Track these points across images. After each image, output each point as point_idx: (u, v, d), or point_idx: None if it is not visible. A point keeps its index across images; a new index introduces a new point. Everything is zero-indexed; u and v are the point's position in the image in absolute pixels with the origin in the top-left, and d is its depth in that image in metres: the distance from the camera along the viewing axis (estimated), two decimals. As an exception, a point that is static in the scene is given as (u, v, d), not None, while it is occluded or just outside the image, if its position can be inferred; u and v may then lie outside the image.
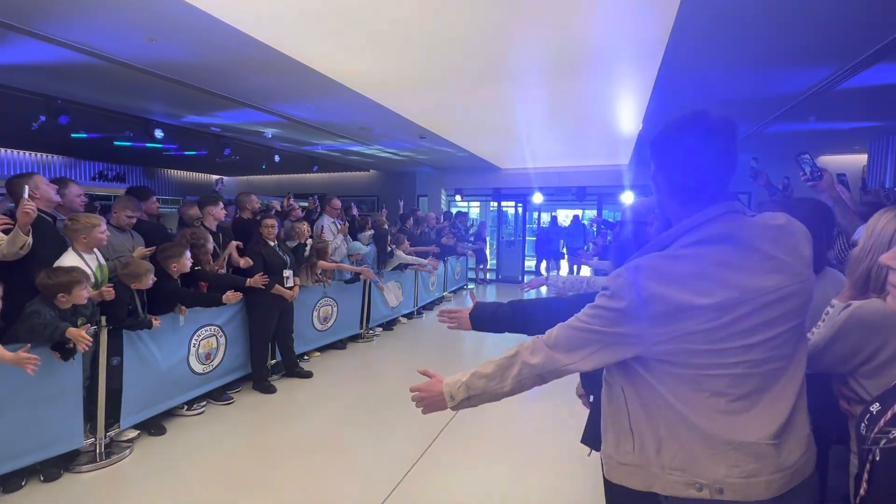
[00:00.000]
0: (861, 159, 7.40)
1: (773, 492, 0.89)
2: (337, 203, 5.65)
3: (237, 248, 3.91)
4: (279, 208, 5.76)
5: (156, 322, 2.98)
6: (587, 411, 1.60)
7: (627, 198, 8.88)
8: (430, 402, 1.16)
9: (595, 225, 8.63)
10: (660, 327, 0.90)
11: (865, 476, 0.65)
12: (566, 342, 1.00)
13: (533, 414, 3.54)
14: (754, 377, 0.91)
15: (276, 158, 8.53)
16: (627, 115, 5.63)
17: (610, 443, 1.04)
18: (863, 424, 0.71)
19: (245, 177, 13.07)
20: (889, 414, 0.66)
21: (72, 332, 2.41)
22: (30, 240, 2.49)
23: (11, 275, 2.54)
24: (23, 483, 2.46)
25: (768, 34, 3.16)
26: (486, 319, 1.52)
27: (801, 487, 0.92)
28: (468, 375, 1.11)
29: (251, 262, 3.81)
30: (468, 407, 1.13)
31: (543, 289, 9.44)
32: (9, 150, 9.17)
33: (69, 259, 2.69)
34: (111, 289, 2.77)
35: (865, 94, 4.38)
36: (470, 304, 1.61)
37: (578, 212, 11.83)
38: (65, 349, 2.52)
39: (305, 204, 6.66)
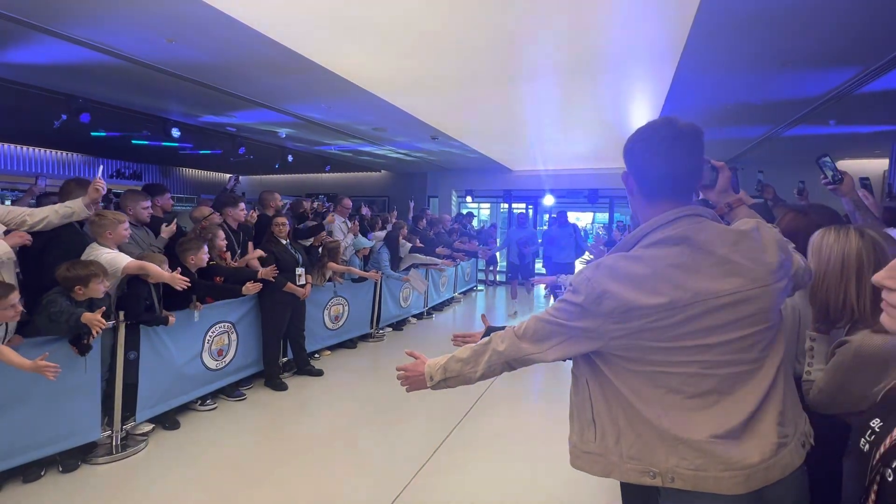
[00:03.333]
0: (882, 164, 7.25)
1: (726, 489, 0.91)
2: (348, 202, 5.70)
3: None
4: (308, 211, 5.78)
5: (171, 319, 3.02)
6: None
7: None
8: (413, 381, 1.23)
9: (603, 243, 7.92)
10: (613, 323, 0.95)
11: (873, 497, 0.62)
12: (533, 333, 1.06)
13: (545, 412, 3.52)
14: (711, 378, 0.94)
15: (290, 158, 8.62)
16: (642, 117, 5.59)
17: (575, 432, 1.10)
18: (863, 440, 0.69)
19: (258, 176, 13.22)
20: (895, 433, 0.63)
21: (87, 316, 2.43)
22: (87, 213, 2.70)
23: (29, 269, 2.61)
24: (42, 473, 2.52)
25: (787, 37, 3.12)
26: None
27: (772, 489, 0.93)
28: (447, 358, 1.18)
29: (272, 275, 3.74)
30: (445, 388, 1.19)
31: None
32: (30, 148, 9.39)
33: (102, 253, 2.74)
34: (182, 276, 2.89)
35: (888, 98, 4.29)
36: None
37: (587, 215, 11.54)
38: (81, 344, 2.57)
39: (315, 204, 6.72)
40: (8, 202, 6.63)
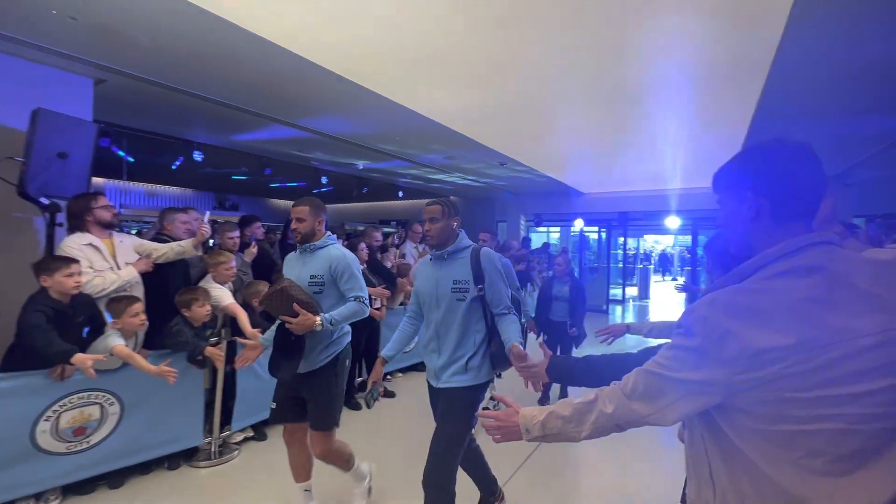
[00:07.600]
0: None
1: None
2: (418, 228, 5.91)
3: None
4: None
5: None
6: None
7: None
8: (505, 432, 1.14)
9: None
10: (739, 371, 0.82)
11: None
12: (644, 391, 0.94)
13: (619, 462, 3.30)
14: (859, 434, 0.80)
15: (364, 189, 9.17)
16: (727, 135, 5.24)
17: (692, 487, 0.98)
18: None
19: (336, 204, 14.16)
20: None
21: (209, 350, 2.86)
22: (194, 252, 3.11)
23: (152, 291, 3.04)
24: (151, 469, 2.88)
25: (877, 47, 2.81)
26: (561, 374, 1.52)
27: None
28: (545, 413, 1.08)
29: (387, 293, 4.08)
30: (543, 442, 1.12)
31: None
32: (155, 186, 10.98)
33: (212, 288, 3.16)
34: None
35: None
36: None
37: (668, 238, 10.84)
38: (198, 361, 2.93)
39: (392, 230, 7.06)
40: (133, 232, 7.72)
